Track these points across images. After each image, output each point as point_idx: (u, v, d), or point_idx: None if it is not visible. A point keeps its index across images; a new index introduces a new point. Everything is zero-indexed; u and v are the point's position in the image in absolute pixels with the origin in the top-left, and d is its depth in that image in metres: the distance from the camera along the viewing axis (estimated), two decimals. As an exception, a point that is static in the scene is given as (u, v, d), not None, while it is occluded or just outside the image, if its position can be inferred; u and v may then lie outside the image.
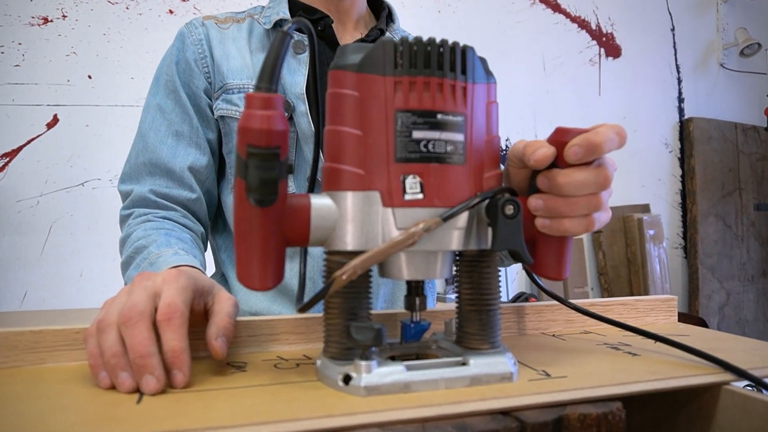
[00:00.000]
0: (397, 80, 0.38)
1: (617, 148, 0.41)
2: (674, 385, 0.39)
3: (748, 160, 2.85)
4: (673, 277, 2.75)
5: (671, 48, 2.82)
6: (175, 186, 0.73)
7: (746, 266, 2.78)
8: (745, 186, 2.83)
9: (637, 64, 2.73)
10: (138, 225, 0.68)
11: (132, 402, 0.34)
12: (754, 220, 2.83)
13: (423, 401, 0.35)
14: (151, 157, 0.73)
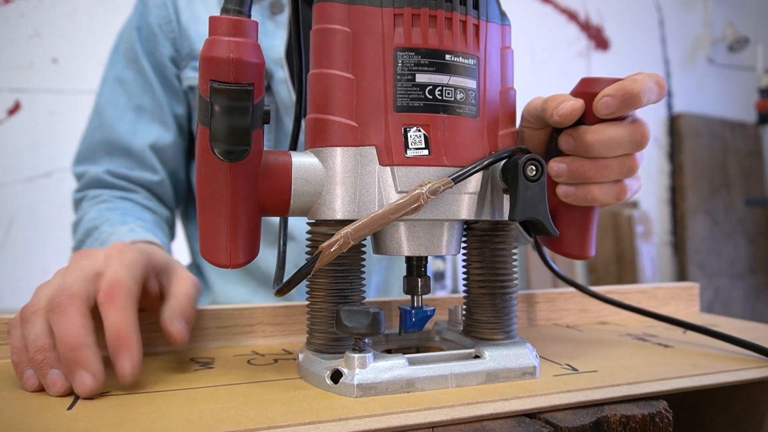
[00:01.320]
0: (398, 12, 0.32)
1: (657, 100, 0.35)
2: (725, 380, 0.33)
3: (735, 156, 2.85)
4: (663, 273, 2.74)
5: (660, 42, 2.80)
6: (135, 167, 0.65)
7: (734, 263, 2.78)
8: (733, 182, 2.82)
9: (625, 57, 2.71)
10: (91, 207, 0.60)
11: (62, 407, 0.27)
12: (742, 217, 2.82)
13: (430, 402, 0.28)
14: (107, 134, 0.65)
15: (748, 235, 2.83)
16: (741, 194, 2.83)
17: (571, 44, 2.57)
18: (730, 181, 2.81)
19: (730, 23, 2.80)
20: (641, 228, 2.49)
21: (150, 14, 0.68)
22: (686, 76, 2.87)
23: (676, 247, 2.74)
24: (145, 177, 0.65)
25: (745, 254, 2.82)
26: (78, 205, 0.64)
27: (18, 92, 1.72)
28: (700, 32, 2.91)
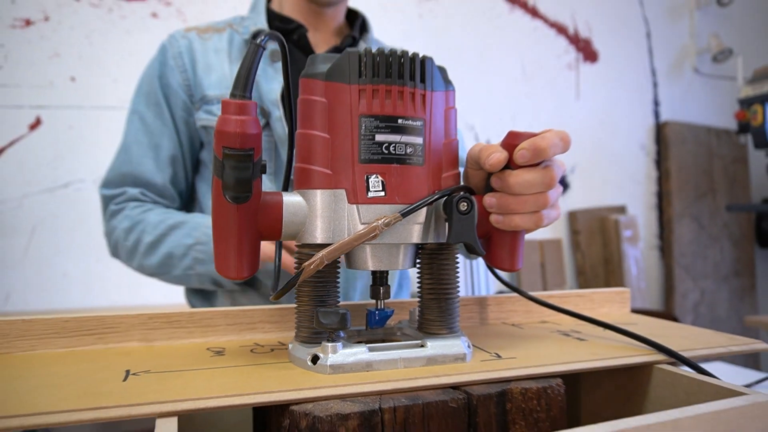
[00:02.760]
0: (361, 88, 0.42)
1: (562, 152, 0.46)
2: (609, 364, 0.44)
3: (721, 162, 2.94)
4: (650, 276, 2.83)
5: (647, 53, 2.90)
6: (158, 196, 0.78)
7: (719, 265, 2.87)
8: (719, 188, 2.92)
9: (614, 68, 2.80)
10: (143, 213, 0.73)
11: (118, 380, 0.38)
12: (727, 221, 2.91)
13: (382, 378, 0.39)
14: (134, 170, 0.77)
15: (733, 239, 2.92)
16: (726, 199, 2.92)
17: (560, 57, 2.67)
18: (716, 186, 2.90)
19: (715, 34, 2.89)
20: (629, 232, 2.59)
21: (168, 64, 0.79)
22: (673, 85, 2.96)
23: (663, 250, 2.84)
24: (166, 203, 0.77)
25: (730, 257, 2.90)
26: (117, 214, 0.76)
27: (39, 109, 1.83)
28: (686, 43, 3.00)
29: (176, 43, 0.83)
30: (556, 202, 0.49)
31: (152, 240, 0.72)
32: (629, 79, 2.85)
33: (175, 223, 0.71)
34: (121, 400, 0.33)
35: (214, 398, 0.34)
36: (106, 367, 0.41)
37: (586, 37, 2.73)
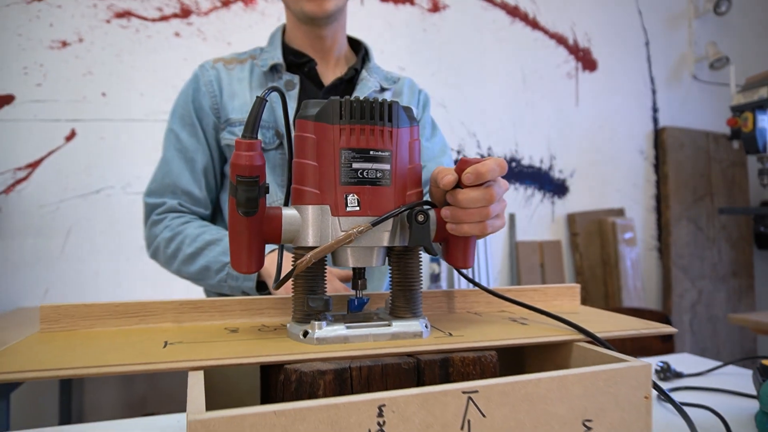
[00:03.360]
0: (342, 127, 0.55)
1: (499, 175, 0.57)
2: (534, 341, 0.56)
3: (719, 166, 3.01)
4: (649, 277, 2.91)
5: (645, 61, 2.98)
6: (195, 204, 0.92)
7: (717, 266, 2.93)
8: (717, 191, 2.99)
9: (612, 76, 2.89)
10: (183, 225, 0.86)
11: (160, 347, 0.51)
12: (725, 223, 2.98)
13: (355, 348, 0.51)
14: (174, 182, 0.91)
15: (731, 240, 2.99)
16: (724, 202, 2.98)
17: (560, 66, 2.77)
18: (714, 189, 2.97)
19: (712, 43, 2.96)
20: (629, 234, 2.68)
21: (200, 91, 0.93)
22: (671, 92, 3.04)
23: (661, 251, 2.92)
24: (201, 211, 0.91)
25: (728, 258, 2.97)
26: (159, 223, 0.89)
27: (73, 122, 1.99)
28: (685, 51, 3.08)
29: (207, 72, 0.96)
30: (501, 213, 0.61)
31: (191, 252, 0.85)
32: (628, 86, 2.93)
33: (212, 239, 0.84)
34: (164, 358, 0.46)
35: (229, 358, 0.47)
36: (149, 339, 0.54)
37: (585, 47, 2.83)
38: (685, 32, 3.08)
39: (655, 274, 2.92)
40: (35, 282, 1.92)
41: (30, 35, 1.95)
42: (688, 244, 2.87)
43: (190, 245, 0.85)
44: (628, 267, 2.60)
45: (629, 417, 0.47)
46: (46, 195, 1.95)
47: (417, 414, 0.40)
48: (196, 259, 0.84)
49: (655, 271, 2.93)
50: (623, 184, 2.89)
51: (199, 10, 2.15)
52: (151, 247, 0.92)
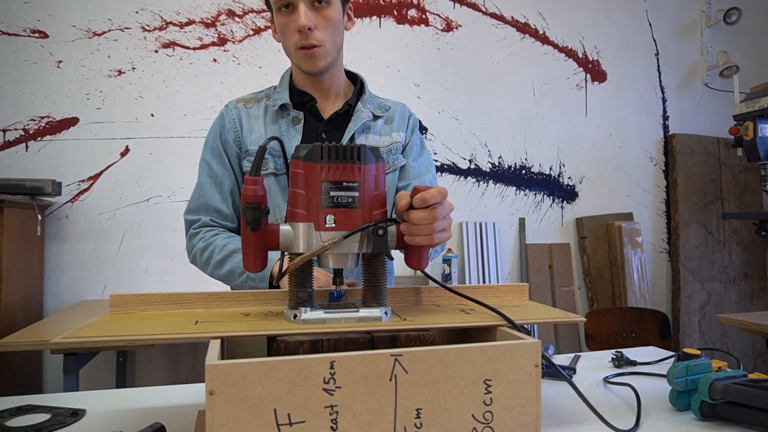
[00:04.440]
0: (323, 165, 0.73)
1: (440, 201, 0.74)
2: (465, 325, 0.73)
3: (730, 171, 3.06)
4: (658, 279, 2.99)
5: (655, 71, 3.05)
6: (225, 220, 1.11)
7: (728, 269, 2.98)
8: (728, 195, 3.03)
9: (622, 86, 2.99)
10: (213, 237, 1.06)
11: (192, 324, 0.71)
12: (736, 227, 3.02)
13: (329, 327, 0.70)
14: (207, 202, 1.11)
15: (742, 244, 3.03)
16: (735, 206, 3.03)
17: (569, 78, 2.88)
18: (725, 194, 3.02)
19: (723, 52, 3.02)
20: (639, 239, 2.77)
21: (225, 127, 1.13)
22: (682, 100, 3.10)
23: (671, 254, 2.99)
24: (229, 225, 1.11)
25: (738, 261, 3.01)
26: (195, 236, 1.10)
27: (127, 140, 2.26)
28: (697, 59, 3.13)
29: (230, 111, 1.16)
30: (447, 227, 0.78)
31: (219, 259, 1.05)
32: (638, 95, 3.02)
33: (236, 249, 1.03)
34: (195, 331, 0.66)
35: (241, 331, 0.66)
36: (185, 319, 0.74)
37: (595, 59, 2.93)
38: (697, 41, 3.13)
39: (665, 276, 3.00)
40: (96, 278, 2.19)
41: (91, 66, 2.23)
42: (698, 247, 2.94)
43: (218, 254, 1.05)
44: (633, 269, 2.70)
45: (521, 379, 0.63)
46: (105, 203, 2.22)
47: (358, 368, 0.58)
48: (224, 265, 1.04)
49: (664, 273, 3.00)
50: (633, 190, 2.97)
51: (234, 38, 2.38)
52: (190, 255, 1.13)
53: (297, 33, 1.06)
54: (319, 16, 1.07)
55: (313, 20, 1.05)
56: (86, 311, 1.96)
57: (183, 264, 1.15)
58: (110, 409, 0.85)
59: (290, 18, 1.06)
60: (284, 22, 1.07)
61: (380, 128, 1.19)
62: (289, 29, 1.07)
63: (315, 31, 1.06)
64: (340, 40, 1.14)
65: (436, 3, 2.66)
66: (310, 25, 1.04)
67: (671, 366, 0.85)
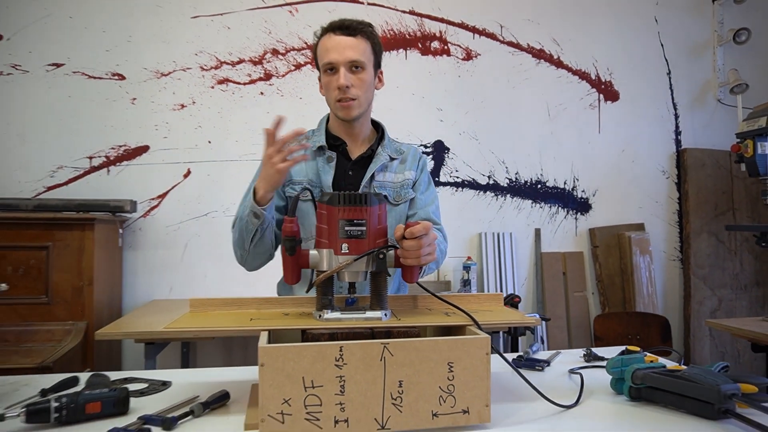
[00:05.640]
0: (339, 208, 1.00)
1: (425, 233, 1.00)
2: (442, 324, 0.98)
3: (742, 183, 3.15)
4: (671, 286, 3.12)
5: (668, 89, 3.19)
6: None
7: (739, 276, 3.08)
8: (739, 206, 3.13)
9: (634, 105, 3.14)
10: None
11: (248, 321, 0.99)
12: (748, 236, 3.12)
13: (343, 323, 0.97)
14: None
15: (754, 252, 3.12)
16: (748, 217, 3.13)
17: (583, 99, 3.06)
18: (736, 205, 3.13)
19: (734, 70, 3.13)
20: (650, 247, 2.92)
21: None
22: (695, 115, 3.22)
23: (683, 262, 3.11)
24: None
25: (750, 269, 3.11)
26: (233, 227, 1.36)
27: (189, 163, 2.61)
28: (709, 77, 3.25)
29: None
30: (432, 252, 1.04)
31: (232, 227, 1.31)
32: (650, 113, 3.16)
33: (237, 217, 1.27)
34: (249, 326, 0.95)
35: (283, 326, 0.94)
36: (242, 317, 1.03)
37: (608, 80, 3.10)
38: (710, 60, 3.24)
39: (677, 283, 3.12)
40: (163, 282, 2.55)
41: (159, 101, 2.59)
42: (709, 256, 3.05)
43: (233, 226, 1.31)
44: (642, 276, 2.85)
45: (475, 363, 0.88)
46: (170, 217, 2.58)
47: (358, 352, 0.84)
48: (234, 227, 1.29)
49: (676, 280, 3.13)
50: (645, 201, 3.12)
51: (278, 73, 2.70)
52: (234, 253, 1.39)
53: (337, 89, 1.32)
54: (355, 77, 1.33)
55: (351, 80, 1.32)
56: (156, 309, 2.30)
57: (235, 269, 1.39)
58: (188, 381, 1.15)
59: (333, 78, 1.33)
60: (328, 81, 1.34)
61: (395, 167, 1.45)
62: (331, 86, 1.34)
63: (351, 89, 1.32)
64: (370, 97, 1.40)
65: (457, 35, 2.90)
66: (348, 84, 1.31)
67: (610, 359, 1.08)
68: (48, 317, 2.11)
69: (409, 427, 0.85)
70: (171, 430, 0.87)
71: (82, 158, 2.53)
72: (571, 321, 2.87)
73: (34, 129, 2.50)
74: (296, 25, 2.72)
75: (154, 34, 2.59)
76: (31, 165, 2.49)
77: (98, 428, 0.87)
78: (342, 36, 1.31)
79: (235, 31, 2.67)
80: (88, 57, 2.54)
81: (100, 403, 0.92)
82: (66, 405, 0.89)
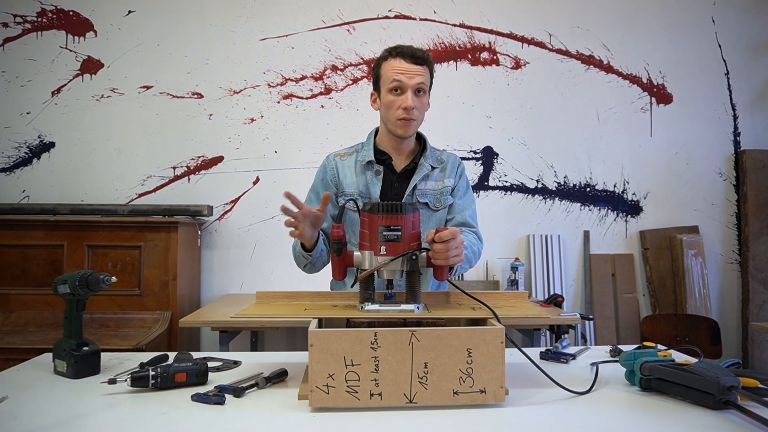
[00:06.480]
0: (379, 216, 1.16)
1: (452, 237, 1.14)
2: (467, 317, 1.12)
3: (808, 184, 3.01)
4: (729, 289, 3.03)
5: (726, 90, 3.10)
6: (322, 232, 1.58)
7: (804, 281, 2.95)
8: (805, 208, 2.99)
9: (689, 107, 3.07)
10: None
11: (302, 311, 1.18)
12: (815, 239, 2.97)
13: (381, 314, 1.13)
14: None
15: (821, 256, 2.97)
16: (814, 219, 2.98)
17: (633, 103, 3.05)
18: (801, 207, 2.99)
19: (799, 67, 2.99)
20: (695, 250, 2.87)
21: (327, 173, 1.59)
22: (755, 116, 3.11)
23: (741, 265, 3.02)
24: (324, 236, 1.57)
25: (817, 273, 2.97)
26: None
27: (257, 171, 2.87)
28: (772, 76, 3.12)
29: (330, 162, 1.63)
30: (460, 253, 1.18)
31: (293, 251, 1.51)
32: (706, 114, 3.08)
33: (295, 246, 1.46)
34: (304, 314, 1.13)
35: (331, 315, 1.12)
36: (298, 308, 1.21)
37: (660, 83, 3.06)
38: (772, 58, 3.12)
39: (735, 286, 3.03)
40: (235, 278, 2.82)
41: (232, 116, 2.87)
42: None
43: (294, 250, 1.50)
44: (694, 279, 2.81)
45: (491, 350, 1.01)
46: (242, 220, 2.85)
47: (390, 337, 1.00)
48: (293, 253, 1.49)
49: (735, 283, 3.04)
50: (700, 204, 3.05)
51: (337, 87, 2.91)
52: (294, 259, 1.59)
53: (402, 109, 1.47)
54: (418, 100, 1.48)
55: (416, 102, 1.47)
56: (230, 302, 2.57)
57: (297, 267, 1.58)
58: (255, 362, 1.35)
59: (399, 98, 1.47)
60: (392, 100, 1.49)
61: (436, 176, 1.59)
62: (395, 105, 1.48)
63: (414, 110, 1.48)
64: (423, 117, 1.55)
65: (506, 45, 2.98)
66: (414, 106, 1.47)
67: (623, 352, 1.17)
68: (140, 307, 2.43)
69: (433, 402, 1.00)
70: (239, 397, 1.07)
71: (167, 168, 2.86)
72: (620, 321, 2.88)
73: (128, 143, 2.85)
74: (354, 42, 2.92)
75: (227, 57, 2.87)
76: (125, 175, 2.84)
77: (184, 393, 1.08)
78: (412, 64, 1.45)
79: (298, 51, 2.90)
80: (172, 79, 2.86)
81: (185, 374, 1.13)
82: (160, 374, 1.10)
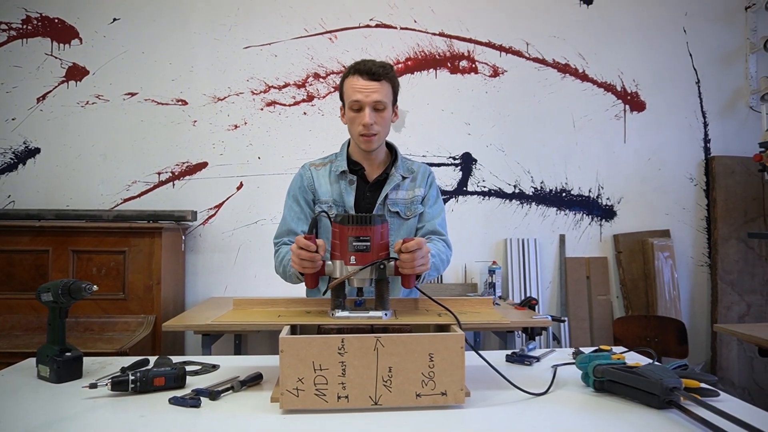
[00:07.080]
0: (349, 227, 1.22)
1: (418, 248, 1.20)
2: (430, 323, 1.18)
3: (774, 190, 3.12)
4: (700, 291, 3.13)
5: (697, 98, 3.20)
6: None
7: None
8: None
9: (661, 114, 3.17)
10: (281, 250, 1.58)
11: (276, 317, 1.23)
12: (780, 243, 3.08)
13: (351, 320, 1.18)
14: (289, 228, 1.63)
15: (787, 259, 3.08)
16: (780, 223, 3.09)
17: (608, 110, 3.14)
18: (767, 212, 3.10)
19: (766, 77, 3.10)
20: (668, 253, 2.97)
21: (304, 182, 1.65)
22: (725, 123, 3.22)
23: (711, 267, 3.12)
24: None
25: (782, 275, 3.08)
26: (278, 248, 1.62)
27: (241, 177, 2.91)
28: (741, 84, 3.23)
29: (306, 171, 1.68)
30: (425, 262, 1.24)
31: (277, 262, 1.57)
32: (678, 121, 3.18)
33: (284, 257, 1.54)
34: (277, 320, 1.18)
35: (303, 322, 1.17)
36: (273, 315, 1.26)
37: (633, 91, 3.15)
38: (741, 67, 3.22)
39: (705, 288, 3.13)
40: (219, 281, 2.86)
41: (216, 123, 2.91)
42: (737, 261, 3.05)
43: (281, 260, 1.56)
44: (665, 281, 2.90)
45: (452, 354, 1.07)
46: (225, 225, 2.89)
47: (356, 343, 1.06)
48: (281, 266, 1.54)
49: (705, 285, 3.14)
50: (672, 208, 3.15)
51: (319, 94, 2.96)
52: (274, 265, 1.65)
53: (362, 126, 1.53)
54: (377, 115, 1.52)
55: (374, 118, 1.52)
56: (214, 305, 2.61)
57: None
58: (233, 366, 1.40)
59: (358, 115, 1.52)
60: (353, 117, 1.54)
61: (407, 186, 1.65)
62: (356, 122, 1.54)
63: (374, 125, 1.53)
64: (388, 130, 1.60)
65: (485, 53, 3.05)
66: (372, 122, 1.51)
67: (579, 355, 1.24)
68: (125, 311, 2.46)
69: (397, 404, 1.06)
70: (215, 400, 1.12)
71: (151, 174, 2.89)
72: (594, 323, 2.96)
73: (113, 149, 2.88)
74: (335, 50, 2.97)
75: (212, 64, 2.91)
76: (110, 180, 2.87)
77: (162, 397, 1.13)
78: (369, 81, 1.49)
79: (281, 59, 2.94)
80: (156, 86, 2.89)
81: (164, 378, 1.18)
82: (140, 378, 1.15)
